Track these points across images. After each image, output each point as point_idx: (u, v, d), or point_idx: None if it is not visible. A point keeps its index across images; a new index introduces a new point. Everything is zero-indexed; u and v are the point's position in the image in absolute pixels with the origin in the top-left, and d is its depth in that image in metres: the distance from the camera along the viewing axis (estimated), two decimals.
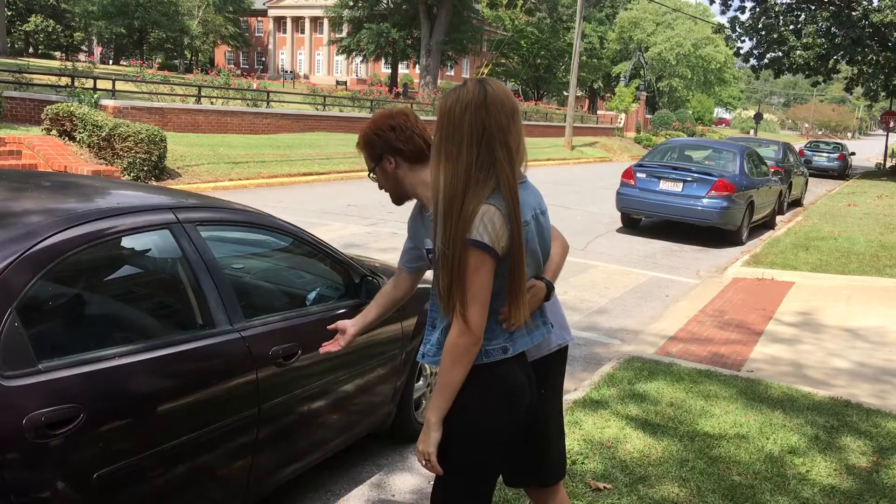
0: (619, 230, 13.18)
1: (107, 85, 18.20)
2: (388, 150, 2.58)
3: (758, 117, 65.63)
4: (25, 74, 19.03)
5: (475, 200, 2.03)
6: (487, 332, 2.14)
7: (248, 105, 22.52)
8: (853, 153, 35.42)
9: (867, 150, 55.10)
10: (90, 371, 2.38)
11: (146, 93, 20.49)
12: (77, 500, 2.33)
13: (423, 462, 2.20)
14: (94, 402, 2.36)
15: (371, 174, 2.66)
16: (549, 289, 2.33)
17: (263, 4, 76.10)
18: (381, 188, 2.69)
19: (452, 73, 66.63)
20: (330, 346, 2.76)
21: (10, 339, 2.20)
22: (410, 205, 2.77)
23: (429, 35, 44.84)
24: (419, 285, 4.38)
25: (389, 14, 48.99)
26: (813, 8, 29.98)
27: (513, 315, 2.16)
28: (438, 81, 47.86)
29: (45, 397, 2.23)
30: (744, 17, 32.13)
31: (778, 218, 15.86)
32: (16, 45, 57.11)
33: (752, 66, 34.10)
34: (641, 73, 54.12)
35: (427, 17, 44.86)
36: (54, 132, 14.53)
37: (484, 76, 2.30)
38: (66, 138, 14.43)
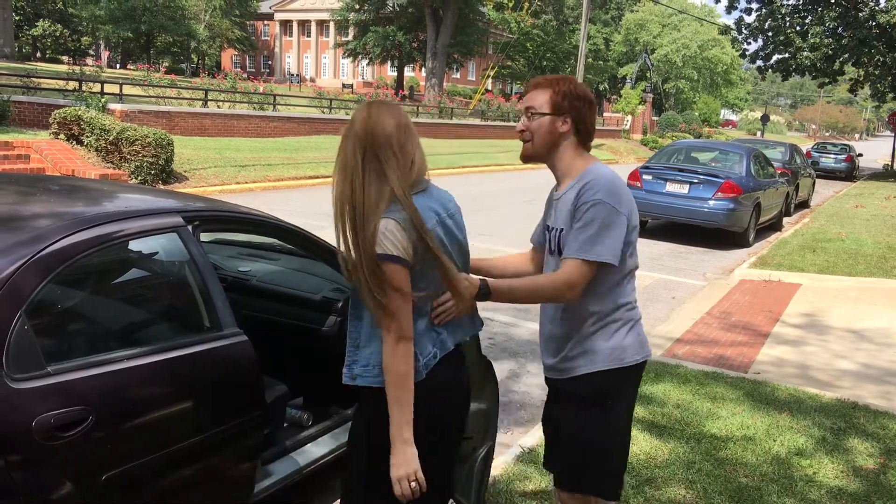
0: None
1: (114, 89, 18.28)
2: (574, 114, 2.52)
3: (764, 119, 65.49)
4: (33, 79, 19.13)
5: (374, 217, 2.11)
6: (418, 346, 2.22)
7: (254, 108, 22.58)
8: (860, 154, 35.27)
9: (875, 152, 54.89)
10: (98, 373, 2.39)
11: (153, 97, 20.56)
12: (85, 502, 2.34)
13: (410, 484, 2.16)
14: (103, 404, 2.37)
15: (535, 116, 2.53)
16: (483, 289, 2.35)
17: (270, 8, 76.24)
18: (522, 132, 2.57)
19: (458, 76, 66.65)
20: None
21: (20, 342, 2.22)
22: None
23: (434, 38, 44.87)
24: None
25: (395, 17, 49.04)
26: (819, 9, 29.91)
27: (458, 306, 2.29)
28: (444, 84, 47.91)
29: (54, 400, 2.25)
30: (750, 19, 32.09)
31: (785, 219, 15.83)
32: (24, 50, 57.29)
33: (759, 68, 34.01)
34: (647, 74, 54.07)
35: (433, 20, 44.90)
36: (62, 136, 14.60)
37: (378, 100, 2.42)
38: (74, 142, 14.50)
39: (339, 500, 2.71)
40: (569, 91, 2.50)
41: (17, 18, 52.70)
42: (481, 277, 2.41)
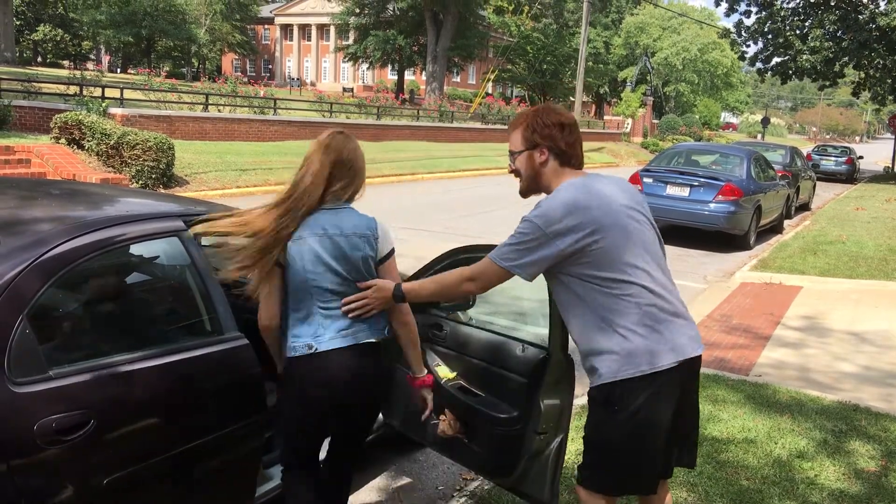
0: None
1: (115, 93, 18.31)
2: (548, 142, 2.63)
3: (765, 121, 65.52)
4: (34, 83, 19.16)
5: None
6: (293, 329, 2.75)
7: (255, 112, 22.60)
8: (861, 157, 35.30)
9: (875, 154, 54.91)
10: (100, 377, 2.40)
11: (154, 101, 20.59)
12: None
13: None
14: (104, 408, 2.38)
15: (515, 156, 2.70)
16: (396, 292, 2.75)
17: (270, 12, 76.36)
18: (512, 171, 2.74)
19: (458, 80, 66.72)
20: None
21: (22, 347, 2.22)
22: (420, 207, 2.80)
23: (435, 41, 44.93)
24: None
25: (396, 21, 49.09)
26: (819, 12, 29.93)
27: (369, 306, 2.76)
28: (445, 87, 47.96)
29: (55, 403, 2.25)
30: (749, 22, 32.12)
31: (786, 222, 15.82)
32: (24, 55, 57.38)
33: (758, 70, 34.02)
34: (648, 78, 54.08)
35: (433, 24, 44.95)
36: (63, 141, 14.63)
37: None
38: (75, 147, 14.52)
39: None
40: (538, 123, 2.63)
41: (18, 23, 52.80)
42: (400, 281, 2.80)
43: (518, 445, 3.16)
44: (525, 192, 2.76)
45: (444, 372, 3.55)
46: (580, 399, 5.04)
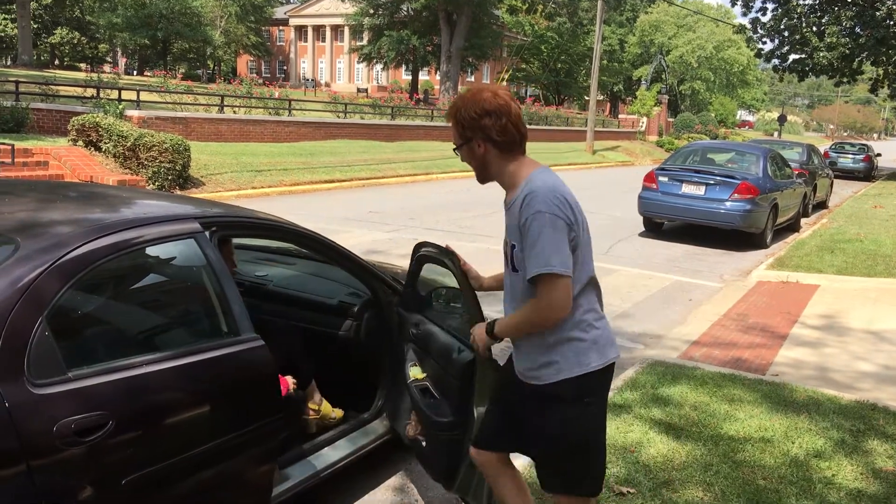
0: (641, 234, 13.14)
1: (131, 96, 18.44)
2: (480, 135, 2.53)
3: (781, 119, 65.10)
4: (52, 86, 19.33)
5: None
6: None
7: (270, 114, 22.68)
8: (879, 154, 34.96)
9: (893, 151, 54.45)
10: (118, 379, 2.42)
11: (170, 103, 20.71)
12: None
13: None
14: (122, 409, 2.40)
15: (456, 150, 2.65)
16: (488, 330, 2.72)
17: (285, 14, 76.62)
18: (464, 161, 2.68)
19: (473, 79, 66.63)
20: None
21: (41, 348, 2.25)
22: (433, 206, 2.81)
23: (449, 41, 44.94)
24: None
25: (409, 21, 49.14)
26: (836, 8, 29.68)
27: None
28: (459, 87, 47.92)
29: (74, 405, 2.28)
30: (765, 19, 31.86)
31: (803, 220, 15.72)
32: (42, 58, 57.88)
33: (775, 67, 33.78)
34: (663, 76, 53.90)
35: (447, 24, 44.97)
36: (80, 143, 14.75)
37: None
38: (92, 149, 14.64)
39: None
40: (465, 116, 2.52)
41: (35, 26, 53.25)
42: (490, 320, 2.71)
43: (458, 452, 3.10)
44: (481, 180, 2.68)
45: (415, 372, 3.49)
46: None
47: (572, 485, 2.65)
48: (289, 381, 3.62)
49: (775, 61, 32.97)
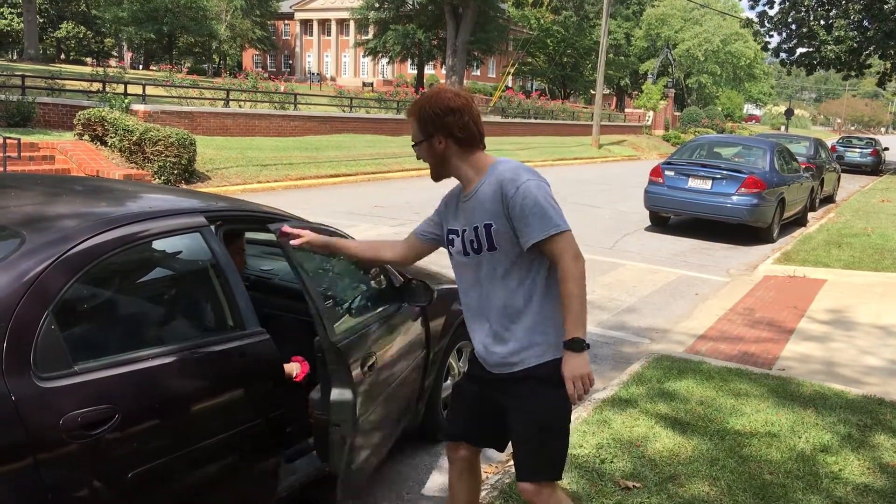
0: (647, 228, 13.11)
1: (137, 90, 18.45)
2: (442, 131, 2.59)
3: (788, 113, 64.84)
4: (57, 80, 19.34)
5: None
6: None
7: (275, 108, 22.69)
8: (886, 148, 34.84)
9: None
10: (124, 372, 2.43)
11: (176, 97, 20.72)
12: (112, 499, 2.37)
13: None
14: (129, 402, 2.40)
15: (415, 146, 2.68)
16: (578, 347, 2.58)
17: (290, 8, 76.58)
18: (420, 158, 2.71)
19: (478, 73, 66.56)
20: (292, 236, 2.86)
21: (47, 342, 2.25)
22: (438, 201, 2.81)
23: (454, 35, 44.88)
24: (450, 286, 4.39)
25: (415, 15, 49.08)
26: (844, 1, 29.51)
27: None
28: (464, 81, 47.88)
29: (81, 398, 2.28)
30: (773, 12, 31.70)
31: (810, 215, 15.67)
32: (48, 52, 57.93)
33: (782, 62, 33.62)
34: (669, 70, 53.69)
35: (453, 18, 44.90)
36: (86, 137, 14.76)
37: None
38: (98, 143, 14.66)
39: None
40: (429, 112, 2.58)
41: (41, 21, 53.32)
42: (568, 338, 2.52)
43: (323, 435, 3.19)
44: (436, 177, 2.72)
45: None
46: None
47: (554, 470, 2.66)
48: (307, 366, 3.62)
49: (783, 55, 32.81)
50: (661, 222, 13.41)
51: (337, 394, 3.07)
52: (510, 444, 2.81)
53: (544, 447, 2.64)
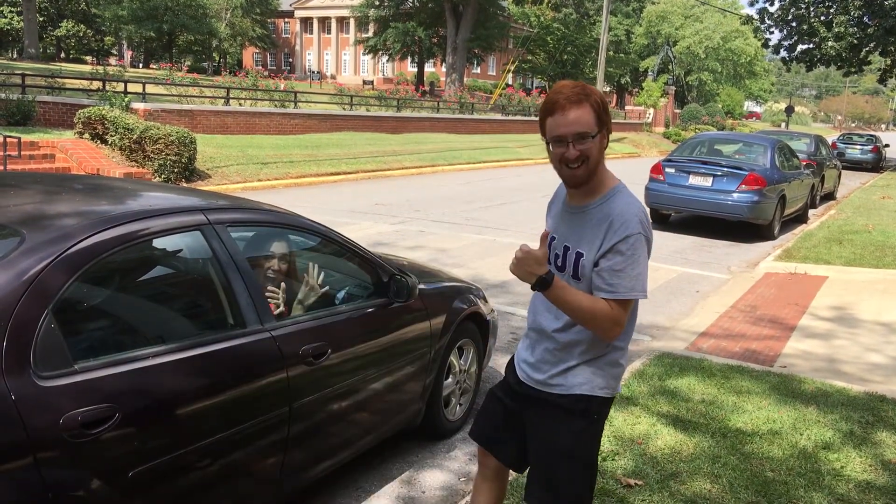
0: None
1: (137, 88, 18.44)
2: (608, 125, 2.35)
3: (789, 110, 64.83)
4: (58, 79, 19.34)
5: None
6: None
7: (275, 106, 22.67)
8: (887, 145, 34.80)
9: None
10: (124, 371, 2.42)
11: (176, 95, 20.71)
12: (113, 498, 2.36)
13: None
14: (129, 401, 2.40)
15: (588, 139, 2.28)
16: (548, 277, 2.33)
17: (290, 6, 76.56)
18: (575, 159, 2.31)
19: (479, 71, 66.53)
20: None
21: (47, 340, 2.24)
22: (439, 198, 2.78)
23: (455, 33, 44.85)
24: (451, 283, 4.38)
25: (415, 13, 49.08)
26: None
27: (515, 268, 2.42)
28: (465, 79, 47.86)
29: (81, 397, 2.27)
30: (773, 9, 31.70)
31: (810, 212, 15.65)
32: (48, 51, 57.96)
33: (783, 59, 33.61)
34: (670, 67, 53.67)
35: (453, 15, 44.87)
36: (86, 135, 14.75)
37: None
38: (98, 141, 14.65)
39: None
40: (602, 101, 2.32)
41: (41, 19, 53.34)
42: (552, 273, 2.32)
43: None
44: (586, 179, 2.36)
45: None
46: None
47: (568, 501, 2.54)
48: None
49: (783, 52, 32.79)
50: (661, 219, 13.39)
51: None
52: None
53: (561, 477, 2.51)
